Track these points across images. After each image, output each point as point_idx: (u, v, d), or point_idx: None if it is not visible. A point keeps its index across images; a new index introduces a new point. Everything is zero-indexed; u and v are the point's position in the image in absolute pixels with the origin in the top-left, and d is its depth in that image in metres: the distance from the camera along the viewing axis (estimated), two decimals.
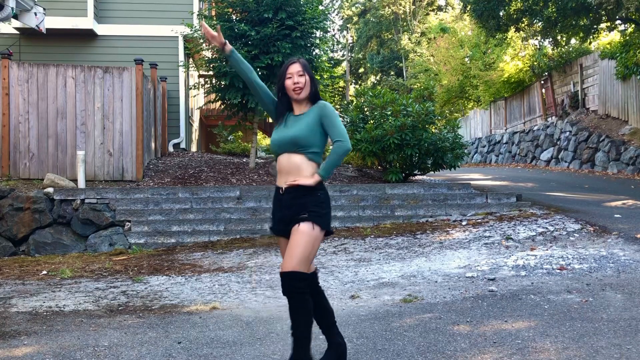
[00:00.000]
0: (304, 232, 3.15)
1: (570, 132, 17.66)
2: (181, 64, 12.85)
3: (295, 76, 3.29)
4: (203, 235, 8.65)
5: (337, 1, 47.84)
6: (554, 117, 20.08)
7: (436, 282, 5.55)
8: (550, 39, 17.90)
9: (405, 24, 43.87)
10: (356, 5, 50.56)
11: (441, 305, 4.70)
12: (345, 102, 17.40)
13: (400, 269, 6.23)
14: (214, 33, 3.40)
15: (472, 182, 11.65)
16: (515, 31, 17.18)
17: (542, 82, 21.20)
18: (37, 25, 10.70)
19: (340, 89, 47.06)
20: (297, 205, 3.20)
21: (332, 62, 12.67)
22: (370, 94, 11.55)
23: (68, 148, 10.25)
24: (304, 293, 3.17)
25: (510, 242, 7.06)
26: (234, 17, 11.31)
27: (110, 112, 10.37)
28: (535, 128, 20.67)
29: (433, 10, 44.91)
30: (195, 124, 16.64)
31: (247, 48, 10.71)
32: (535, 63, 20.86)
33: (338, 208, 9.09)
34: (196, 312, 4.82)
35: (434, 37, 30.29)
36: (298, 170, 3.24)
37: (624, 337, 3.75)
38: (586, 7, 13.81)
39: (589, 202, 9.68)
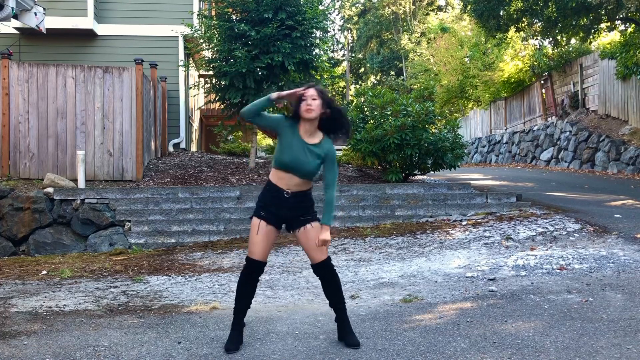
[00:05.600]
0: (318, 227, 3.80)
1: (570, 132, 17.66)
2: (181, 63, 12.85)
3: (309, 99, 3.73)
4: (203, 235, 8.65)
5: (337, 1, 47.85)
6: (554, 117, 20.08)
7: (436, 282, 5.55)
8: (550, 39, 17.89)
9: (405, 24, 43.89)
10: (356, 5, 50.56)
11: (441, 305, 4.70)
12: (345, 102, 17.40)
13: (400, 269, 6.23)
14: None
15: (472, 182, 11.65)
16: (515, 31, 17.18)
17: (542, 82, 21.20)
18: (37, 25, 10.69)
19: (340, 88, 47.09)
20: (300, 208, 3.80)
21: (332, 62, 12.64)
22: (370, 94, 11.54)
23: (68, 148, 10.25)
24: (335, 269, 3.92)
25: (510, 242, 7.06)
26: (234, 17, 11.30)
27: (110, 112, 10.37)
28: (535, 128, 20.67)
29: (433, 10, 44.92)
30: (195, 124, 16.65)
31: (247, 48, 10.71)
32: (535, 63, 20.86)
33: (338, 208, 9.09)
34: (196, 312, 4.82)
35: (434, 37, 30.30)
36: (299, 186, 3.78)
37: (624, 337, 3.75)
38: (586, 7, 13.80)
39: (589, 202, 9.68)
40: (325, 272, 3.85)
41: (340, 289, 3.88)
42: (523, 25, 16.01)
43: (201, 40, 11.85)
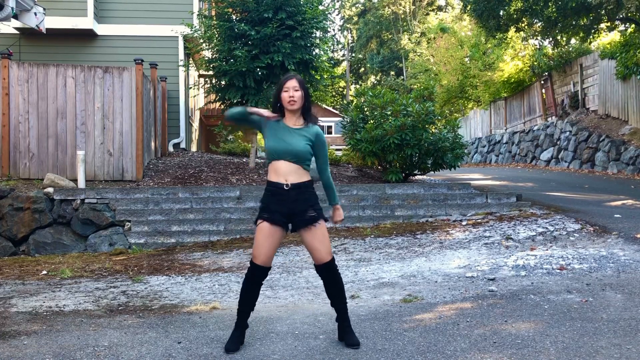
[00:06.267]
0: (323, 226, 3.79)
1: (570, 132, 17.66)
2: (181, 63, 12.85)
3: (292, 90, 3.76)
4: (203, 235, 8.65)
5: (337, 1, 47.83)
6: (554, 117, 20.08)
7: (436, 282, 5.55)
8: (550, 39, 17.89)
9: (405, 24, 43.90)
10: (356, 5, 50.57)
11: (441, 305, 4.70)
12: (345, 102, 17.41)
13: (400, 269, 6.23)
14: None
15: (472, 182, 11.65)
16: (515, 31, 17.18)
17: (542, 82, 21.20)
18: (37, 25, 10.69)
19: (340, 88, 47.05)
20: (302, 200, 3.75)
21: (332, 62, 12.65)
22: (370, 93, 11.54)
23: (68, 148, 10.25)
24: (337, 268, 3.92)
25: (510, 242, 7.06)
26: (234, 17, 11.30)
27: (110, 112, 10.37)
28: (535, 128, 20.68)
29: (433, 10, 44.94)
30: (195, 124, 16.65)
31: (247, 48, 10.71)
32: (535, 63, 20.86)
33: None
34: (196, 312, 4.82)
35: (434, 37, 30.31)
36: (297, 174, 3.75)
37: (624, 337, 3.75)
38: (586, 7, 13.81)
39: (589, 202, 9.68)
40: (329, 273, 3.83)
41: (342, 290, 3.88)
42: (523, 25, 16.01)
43: (201, 40, 11.85)
